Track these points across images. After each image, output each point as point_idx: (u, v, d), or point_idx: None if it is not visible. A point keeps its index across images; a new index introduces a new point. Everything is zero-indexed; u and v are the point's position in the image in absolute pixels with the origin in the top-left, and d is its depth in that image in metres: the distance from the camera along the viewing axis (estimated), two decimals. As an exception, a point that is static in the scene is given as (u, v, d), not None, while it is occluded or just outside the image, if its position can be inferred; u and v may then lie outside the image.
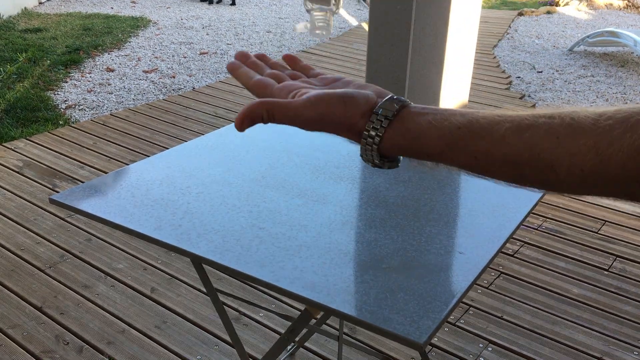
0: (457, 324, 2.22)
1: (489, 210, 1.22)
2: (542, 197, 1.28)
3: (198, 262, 1.17)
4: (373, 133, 0.55)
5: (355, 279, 0.99)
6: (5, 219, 2.85)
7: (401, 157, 0.59)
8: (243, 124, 0.56)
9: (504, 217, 1.20)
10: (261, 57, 0.66)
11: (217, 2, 8.35)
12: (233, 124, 1.65)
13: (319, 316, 1.46)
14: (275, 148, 1.49)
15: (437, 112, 0.55)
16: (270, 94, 0.60)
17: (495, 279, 2.47)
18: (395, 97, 0.56)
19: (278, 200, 1.24)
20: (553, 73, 5.44)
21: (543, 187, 0.51)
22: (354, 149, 1.51)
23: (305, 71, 0.65)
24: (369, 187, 1.30)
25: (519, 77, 5.30)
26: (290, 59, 0.66)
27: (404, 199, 1.25)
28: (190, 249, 1.06)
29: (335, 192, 1.28)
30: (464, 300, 2.32)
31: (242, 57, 0.64)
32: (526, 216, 1.21)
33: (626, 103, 4.64)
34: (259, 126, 1.61)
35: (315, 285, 0.98)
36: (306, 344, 2.09)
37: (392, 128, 0.55)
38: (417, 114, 0.55)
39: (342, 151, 1.48)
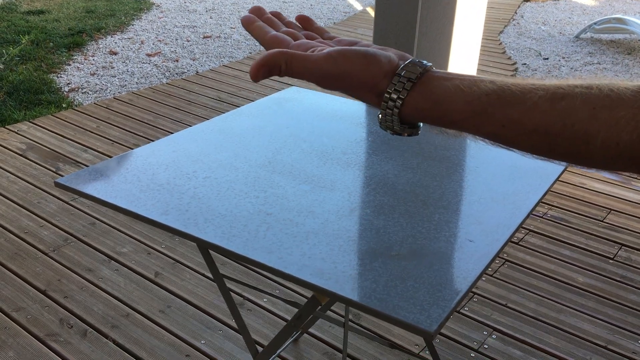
0: (461, 311, 2.22)
1: (499, 198, 1.20)
2: (553, 185, 1.26)
3: (205, 247, 1.16)
4: (395, 96, 0.53)
5: (364, 266, 0.98)
6: (8, 202, 2.84)
7: (421, 124, 0.56)
8: (259, 72, 0.54)
9: (514, 205, 1.18)
10: (276, 14, 0.63)
11: None
12: (238, 108, 1.63)
13: (325, 302, 1.45)
14: (282, 133, 1.47)
15: (464, 77, 0.53)
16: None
17: (500, 267, 2.47)
18: (418, 60, 0.54)
19: (285, 186, 1.23)
20: (559, 60, 5.39)
21: (574, 160, 0.49)
22: (362, 134, 1.49)
23: (320, 33, 0.62)
24: (377, 173, 1.29)
25: (524, 64, 5.26)
26: (304, 20, 0.63)
27: (413, 186, 1.24)
28: (197, 234, 1.05)
29: (343, 178, 1.27)
30: (468, 287, 2.31)
31: (257, 11, 0.62)
32: (536, 204, 1.19)
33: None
34: (267, 109, 1.60)
35: (323, 272, 0.97)
36: (310, 329, 2.09)
37: (415, 91, 0.53)
38: (442, 78, 0.53)
39: (350, 137, 1.46)
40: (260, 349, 1.99)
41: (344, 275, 0.96)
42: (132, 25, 6.10)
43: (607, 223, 2.81)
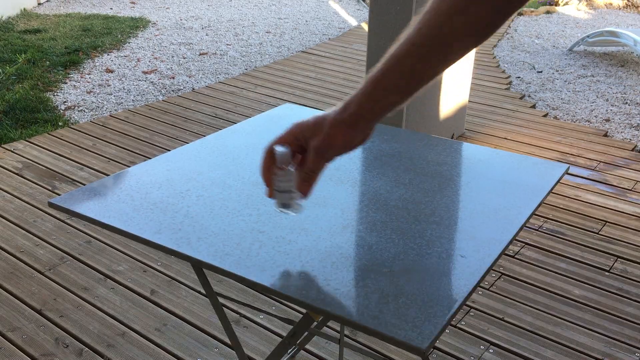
0: (458, 325, 2.21)
1: (491, 213, 1.21)
2: (545, 199, 1.27)
3: (198, 266, 1.16)
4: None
5: (357, 283, 0.99)
6: (4, 221, 2.84)
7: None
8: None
9: (506, 220, 1.19)
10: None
11: None
12: (233, 125, 1.64)
13: (319, 319, 1.45)
14: (276, 150, 1.48)
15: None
16: None
17: (496, 281, 2.47)
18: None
19: (278, 203, 1.23)
20: (553, 73, 5.43)
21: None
22: (355, 151, 1.50)
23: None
24: (369, 190, 1.30)
25: (518, 77, 5.29)
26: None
27: (405, 202, 1.24)
28: (190, 253, 1.05)
29: (336, 195, 1.27)
30: (464, 301, 2.31)
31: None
32: (528, 218, 1.20)
33: (626, 103, 4.63)
34: (260, 126, 1.61)
35: (316, 289, 0.97)
36: (307, 346, 2.09)
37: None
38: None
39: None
40: (256, 366, 1.99)
41: (336, 292, 0.96)
42: (129, 43, 6.14)
43: (603, 235, 2.81)
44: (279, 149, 0.92)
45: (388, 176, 1.36)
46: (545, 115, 4.37)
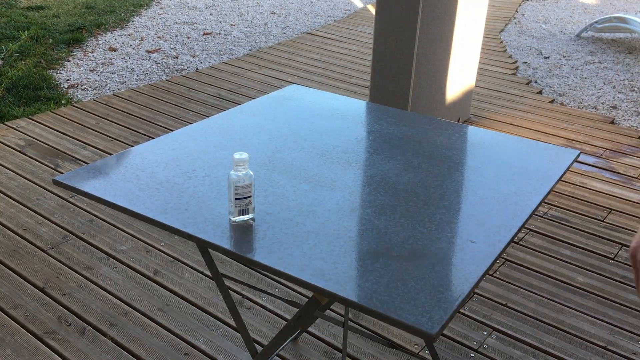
0: (461, 311, 2.21)
1: (501, 198, 1.19)
2: (554, 186, 1.25)
3: (204, 246, 1.15)
4: None
5: (365, 267, 0.97)
6: (7, 198, 2.83)
7: None
8: None
9: (515, 206, 1.17)
10: None
11: None
12: (239, 106, 1.62)
13: (325, 302, 1.44)
14: (282, 131, 1.46)
15: None
16: None
17: (500, 267, 2.46)
18: None
19: (285, 185, 1.22)
20: (560, 59, 5.38)
21: None
22: (363, 133, 1.48)
23: None
24: (377, 173, 1.28)
25: (525, 63, 5.24)
26: None
27: (414, 186, 1.23)
28: (196, 234, 1.04)
29: (344, 177, 1.26)
30: (468, 287, 2.30)
31: None
32: (538, 205, 1.18)
33: (634, 90, 4.59)
34: (267, 107, 1.59)
35: (324, 272, 0.96)
36: (309, 329, 2.08)
37: None
38: None
39: (351, 136, 1.45)
40: (259, 347, 1.99)
41: (344, 276, 0.95)
42: (132, 21, 6.08)
43: (608, 223, 2.80)
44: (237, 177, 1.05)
45: (396, 159, 1.34)
46: (551, 102, 4.33)
